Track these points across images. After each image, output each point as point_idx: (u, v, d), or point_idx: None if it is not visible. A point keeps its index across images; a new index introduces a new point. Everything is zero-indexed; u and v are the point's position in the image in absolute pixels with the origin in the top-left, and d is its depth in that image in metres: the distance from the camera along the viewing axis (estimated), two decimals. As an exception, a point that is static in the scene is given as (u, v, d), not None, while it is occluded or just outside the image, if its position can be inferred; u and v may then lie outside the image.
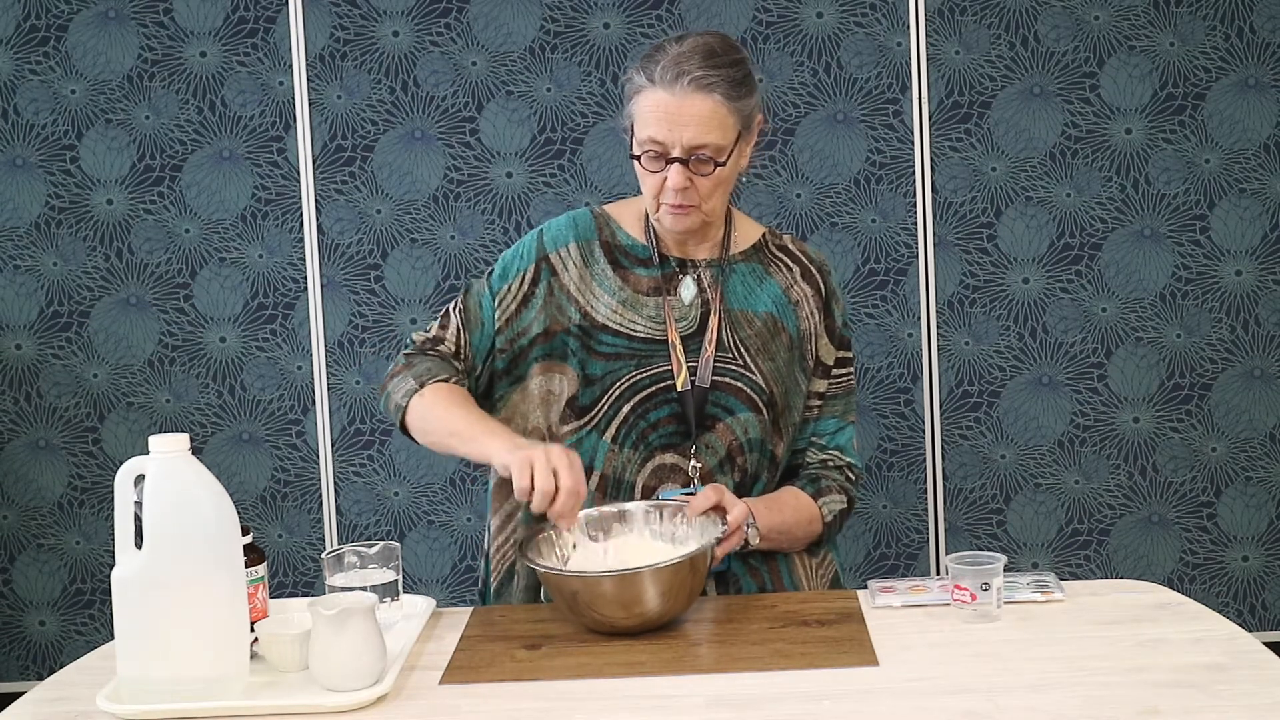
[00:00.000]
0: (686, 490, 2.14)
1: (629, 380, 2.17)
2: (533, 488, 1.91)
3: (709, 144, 2.07)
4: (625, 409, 2.17)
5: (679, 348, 2.17)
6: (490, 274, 2.24)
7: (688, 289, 2.21)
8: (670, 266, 2.22)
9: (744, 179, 2.24)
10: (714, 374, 2.17)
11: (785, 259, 2.26)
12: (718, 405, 2.18)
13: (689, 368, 2.17)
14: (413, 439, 2.19)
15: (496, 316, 2.21)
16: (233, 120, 3.44)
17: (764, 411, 2.19)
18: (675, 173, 2.08)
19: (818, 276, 2.26)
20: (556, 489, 1.91)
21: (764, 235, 2.28)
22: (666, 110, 2.06)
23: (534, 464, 1.92)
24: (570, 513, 1.93)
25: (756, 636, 1.87)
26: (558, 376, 2.19)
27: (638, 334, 2.18)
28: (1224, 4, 3.37)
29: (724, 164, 2.09)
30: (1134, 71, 3.40)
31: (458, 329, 2.23)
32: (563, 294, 2.20)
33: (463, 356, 2.23)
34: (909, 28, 3.39)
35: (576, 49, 3.40)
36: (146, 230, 3.46)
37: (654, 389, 2.17)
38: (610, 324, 2.18)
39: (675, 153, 2.07)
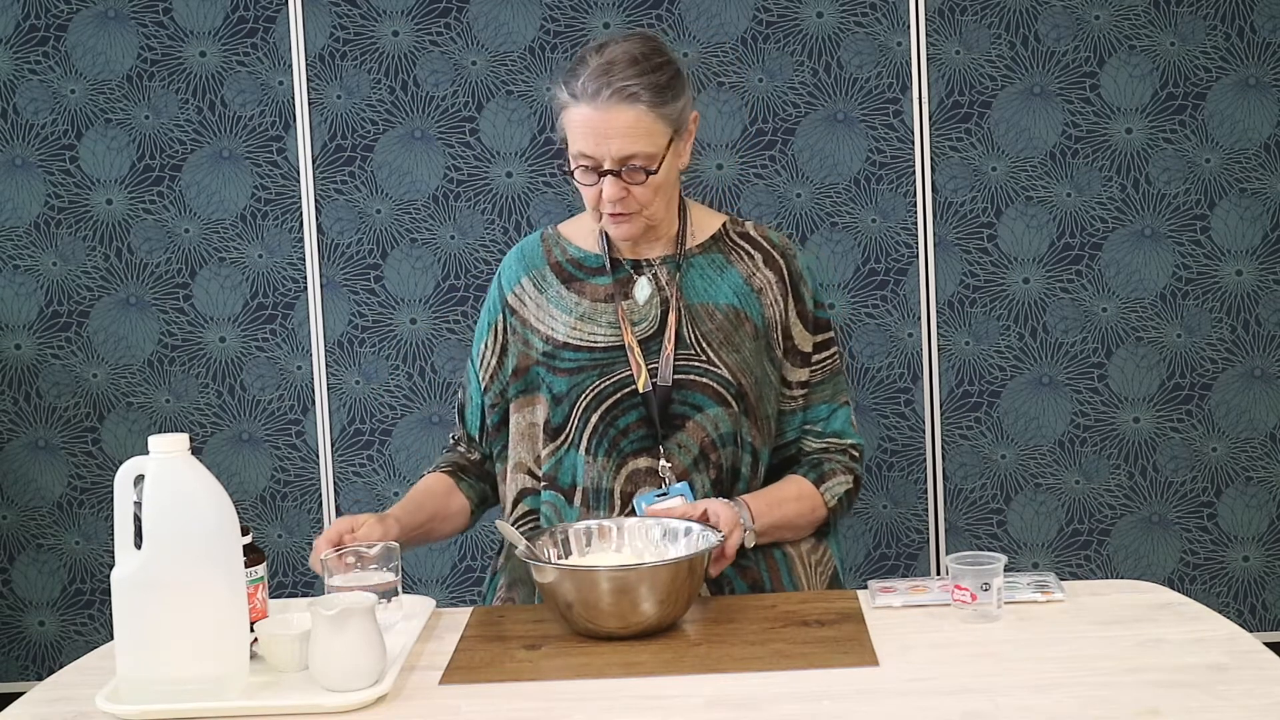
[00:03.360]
0: (660, 493, 2.14)
1: (593, 390, 2.17)
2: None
3: (638, 153, 2.07)
4: (593, 419, 2.17)
5: (636, 350, 2.17)
6: (474, 339, 2.33)
7: (642, 289, 2.20)
8: (624, 270, 2.21)
9: (684, 177, 2.24)
10: (677, 372, 2.17)
11: (746, 245, 2.25)
12: (685, 403, 2.17)
13: (649, 369, 2.17)
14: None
15: (482, 379, 2.28)
16: (232, 120, 3.43)
17: (733, 404, 2.18)
18: (609, 184, 2.08)
19: (780, 261, 2.24)
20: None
21: (724, 224, 2.26)
22: (592, 125, 2.06)
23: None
24: (329, 543, 2.00)
25: (756, 636, 1.87)
26: (534, 407, 2.21)
27: (599, 344, 2.18)
28: (1224, 4, 3.37)
29: (655, 171, 2.09)
30: (1134, 71, 3.39)
31: (459, 411, 2.33)
32: (525, 329, 2.22)
33: (463, 438, 2.33)
34: (909, 27, 3.39)
35: (576, 49, 3.40)
36: (146, 230, 3.46)
37: (618, 395, 2.17)
38: (571, 340, 2.19)
39: (606, 165, 2.07)
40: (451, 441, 2.35)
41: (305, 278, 3.46)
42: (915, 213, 3.43)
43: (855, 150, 3.42)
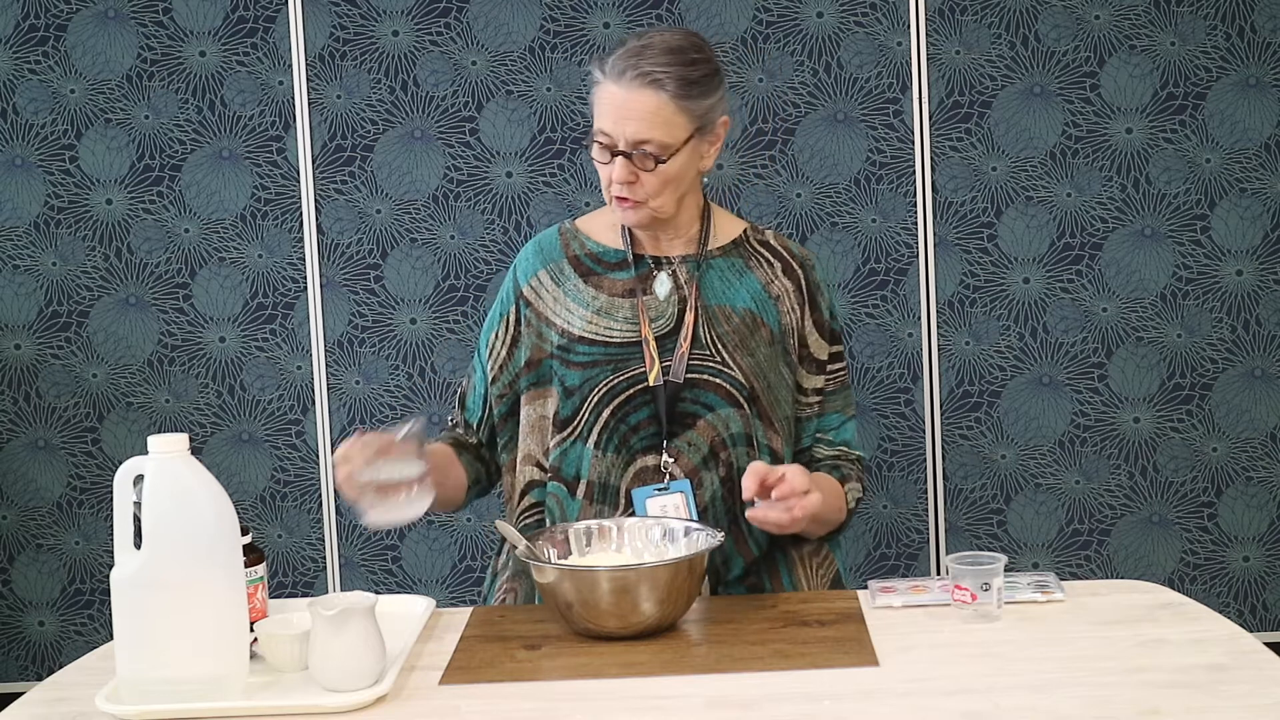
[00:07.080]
0: (659, 487, 2.14)
1: (606, 385, 2.17)
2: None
3: (652, 140, 2.09)
4: (605, 414, 2.17)
5: (652, 344, 2.17)
6: (483, 329, 2.31)
7: (662, 285, 2.21)
8: (645, 265, 2.22)
9: (707, 180, 2.24)
10: (691, 371, 2.17)
11: (766, 254, 2.26)
12: (697, 402, 2.17)
13: (663, 366, 2.17)
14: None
15: (489, 369, 2.27)
16: (232, 120, 3.43)
17: (745, 406, 2.18)
18: (618, 166, 2.11)
19: (799, 272, 2.26)
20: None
21: (745, 231, 2.27)
22: (613, 103, 2.09)
23: (339, 485, 2.09)
24: (353, 461, 2.06)
25: (756, 636, 1.87)
26: (545, 400, 2.21)
27: (614, 339, 2.18)
28: (1224, 3, 3.37)
29: (665, 161, 2.10)
30: (1134, 71, 3.39)
31: (460, 399, 2.32)
32: (540, 322, 2.22)
33: (461, 423, 2.31)
34: (909, 27, 3.39)
35: (576, 49, 3.40)
36: (146, 230, 3.46)
37: (631, 391, 2.17)
38: (587, 334, 2.19)
39: (620, 146, 2.10)
40: (450, 424, 2.35)
41: (305, 278, 3.46)
42: (915, 213, 3.43)
43: (855, 150, 3.42)
